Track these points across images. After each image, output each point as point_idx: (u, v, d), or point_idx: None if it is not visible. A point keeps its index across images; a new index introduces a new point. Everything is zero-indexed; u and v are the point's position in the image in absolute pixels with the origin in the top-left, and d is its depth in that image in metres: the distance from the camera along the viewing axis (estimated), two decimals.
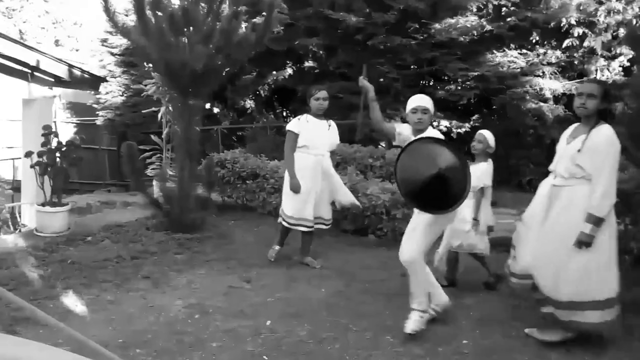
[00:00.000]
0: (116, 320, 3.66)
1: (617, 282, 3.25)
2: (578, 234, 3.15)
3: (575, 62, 10.54)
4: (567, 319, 3.26)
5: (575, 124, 3.44)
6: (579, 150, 3.18)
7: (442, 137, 3.49)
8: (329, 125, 5.00)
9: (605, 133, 3.18)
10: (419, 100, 3.57)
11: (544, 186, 3.44)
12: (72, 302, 3.97)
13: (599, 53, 9.87)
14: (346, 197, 4.99)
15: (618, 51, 9.77)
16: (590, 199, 3.14)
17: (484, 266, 4.55)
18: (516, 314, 3.91)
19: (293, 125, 4.91)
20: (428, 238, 3.45)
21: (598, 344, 3.38)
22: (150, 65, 8.09)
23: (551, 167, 3.45)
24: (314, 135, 4.84)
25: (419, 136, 3.44)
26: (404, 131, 3.65)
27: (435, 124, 11.45)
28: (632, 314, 3.85)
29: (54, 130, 6.51)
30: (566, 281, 3.20)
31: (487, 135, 4.40)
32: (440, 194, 3.15)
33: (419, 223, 3.44)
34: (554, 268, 3.24)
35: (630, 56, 9.33)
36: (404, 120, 4.92)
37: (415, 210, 3.61)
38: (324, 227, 5.11)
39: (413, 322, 3.38)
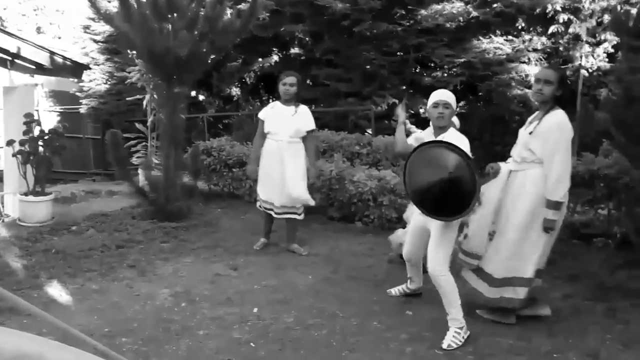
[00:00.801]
0: (101, 310, 3.64)
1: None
2: (542, 221, 3.27)
3: (561, 49, 10.57)
4: (498, 295, 3.40)
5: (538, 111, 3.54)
6: (530, 133, 3.33)
7: (462, 138, 3.30)
8: (295, 112, 4.88)
9: (557, 118, 3.28)
10: (441, 95, 3.42)
11: (503, 171, 3.50)
12: (57, 291, 3.94)
13: (584, 39, 9.90)
14: (294, 190, 4.84)
15: (603, 37, 9.80)
16: (546, 184, 3.25)
17: None
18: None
19: (261, 112, 5.06)
20: (447, 246, 3.27)
21: (581, 326, 3.42)
22: (134, 52, 7.98)
23: (512, 153, 3.56)
24: (276, 122, 4.88)
25: (429, 140, 3.31)
26: (413, 142, 3.57)
27: (421, 110, 11.48)
28: (615, 297, 3.91)
29: (36, 118, 6.42)
30: (511, 259, 3.36)
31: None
32: (447, 200, 3.06)
33: (434, 235, 3.29)
34: (505, 248, 3.37)
35: (615, 42, 9.38)
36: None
37: (416, 211, 3.51)
38: (296, 217, 4.99)
39: (449, 338, 3.20)
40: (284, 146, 4.82)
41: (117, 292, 3.98)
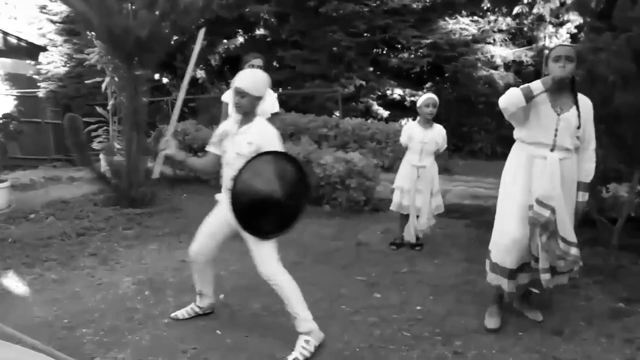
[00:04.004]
0: (61, 300, 3.51)
1: None
2: (578, 205, 3.10)
3: (525, 29, 10.69)
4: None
5: (540, 88, 2.91)
6: (578, 127, 2.99)
7: (271, 132, 2.88)
8: None
9: (589, 102, 3.07)
10: (239, 81, 2.86)
11: (549, 161, 2.96)
12: (13, 282, 3.79)
13: (548, 20, 10.02)
14: None
15: (566, 18, 9.93)
16: (588, 168, 3.09)
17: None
18: (469, 279, 3.97)
19: (224, 94, 4.90)
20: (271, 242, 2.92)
21: (546, 304, 3.46)
22: (93, 33, 7.72)
23: (545, 140, 3.00)
24: None
25: (271, 149, 2.79)
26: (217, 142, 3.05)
27: (389, 92, 11.47)
28: (579, 275, 3.97)
29: None
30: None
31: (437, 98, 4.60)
32: (269, 215, 2.75)
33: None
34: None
35: (578, 23, 9.51)
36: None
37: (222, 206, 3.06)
38: None
39: (298, 348, 2.85)
40: None
41: (78, 281, 3.85)
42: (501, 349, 2.91)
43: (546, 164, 2.97)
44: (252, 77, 2.91)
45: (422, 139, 4.51)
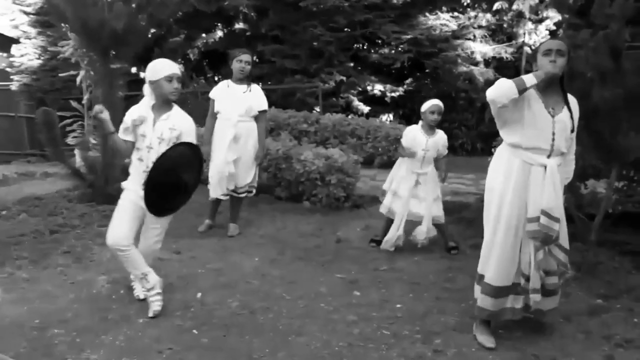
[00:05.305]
0: (32, 300, 3.41)
1: None
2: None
3: (505, 26, 10.76)
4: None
5: (530, 85, 2.70)
6: (572, 131, 2.86)
7: (188, 121, 3.28)
8: (249, 90, 4.76)
9: (576, 101, 2.93)
10: (176, 68, 3.22)
11: (550, 170, 2.76)
12: None
13: (527, 16, 10.09)
14: (241, 177, 4.82)
15: (545, 14, 10.02)
16: (568, 171, 3.01)
17: (443, 235, 4.59)
18: (449, 276, 3.96)
19: (212, 91, 4.93)
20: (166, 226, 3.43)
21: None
22: (67, 25, 7.54)
23: (544, 145, 2.78)
24: (225, 101, 4.74)
25: (190, 139, 3.21)
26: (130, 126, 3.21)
27: (369, 88, 11.46)
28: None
29: None
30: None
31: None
32: (169, 194, 3.13)
33: (162, 219, 3.32)
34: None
35: (556, 20, 9.60)
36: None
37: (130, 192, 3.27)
38: (239, 195, 4.92)
39: (155, 304, 3.25)
40: (234, 125, 4.67)
41: (50, 280, 3.75)
42: (481, 346, 2.90)
43: (546, 173, 2.75)
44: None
45: (425, 146, 4.40)
